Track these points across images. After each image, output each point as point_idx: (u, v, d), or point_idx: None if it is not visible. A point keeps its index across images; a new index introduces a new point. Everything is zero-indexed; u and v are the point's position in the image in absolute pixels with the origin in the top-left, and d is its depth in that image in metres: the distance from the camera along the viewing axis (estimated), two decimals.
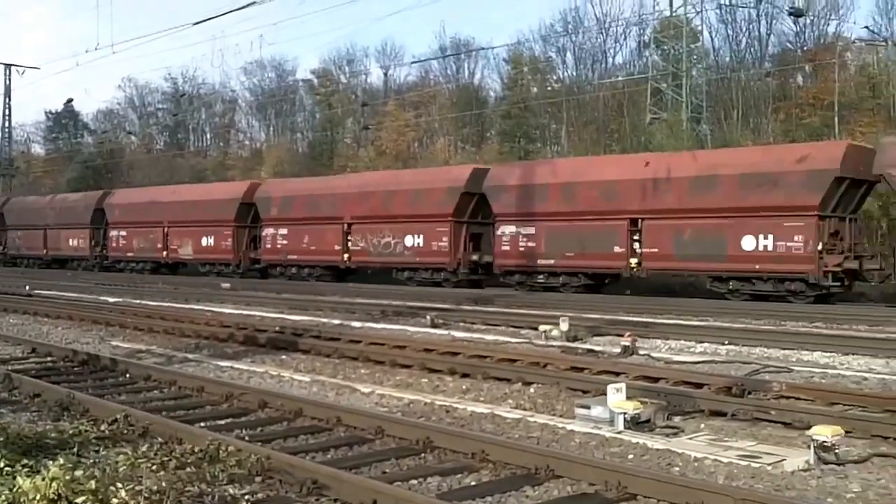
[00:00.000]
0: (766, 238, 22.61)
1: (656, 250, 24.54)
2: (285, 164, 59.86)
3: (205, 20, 21.51)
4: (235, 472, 6.13)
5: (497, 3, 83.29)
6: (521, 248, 27.39)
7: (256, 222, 36.54)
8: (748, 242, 22.85)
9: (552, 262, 26.75)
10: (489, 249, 29.01)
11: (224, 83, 73.64)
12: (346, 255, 32.70)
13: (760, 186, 22.58)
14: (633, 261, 24.99)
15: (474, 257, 29.46)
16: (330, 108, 64.39)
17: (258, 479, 6.13)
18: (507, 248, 27.74)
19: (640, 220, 24.88)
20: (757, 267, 22.79)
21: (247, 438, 7.40)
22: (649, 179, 24.79)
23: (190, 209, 38.64)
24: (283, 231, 34.94)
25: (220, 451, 6.46)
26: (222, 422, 8.29)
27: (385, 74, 67.45)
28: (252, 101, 72.04)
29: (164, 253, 40.12)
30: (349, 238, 32.67)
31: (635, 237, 25.04)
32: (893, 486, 6.24)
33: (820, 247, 22.00)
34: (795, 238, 22.22)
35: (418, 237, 30.31)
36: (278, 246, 35.17)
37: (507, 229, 27.75)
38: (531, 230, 27.08)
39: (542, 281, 27.23)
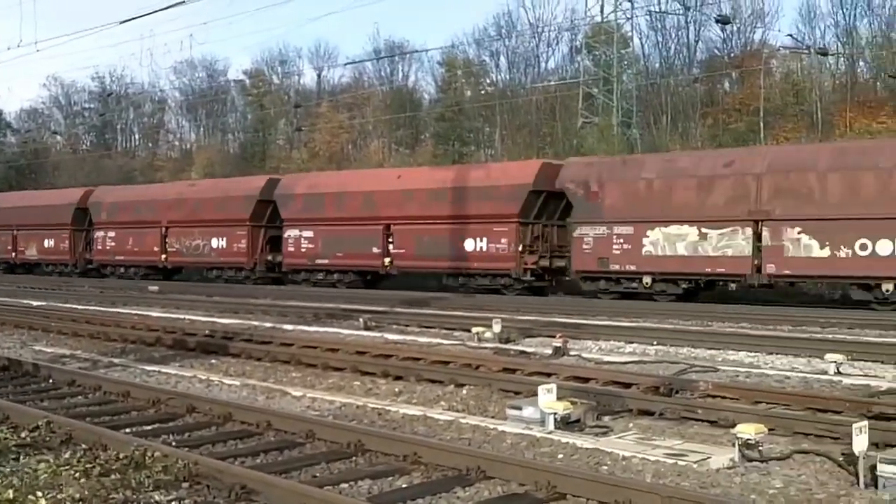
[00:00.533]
0: (481, 241, 26.87)
1: (404, 251, 28.69)
2: (216, 166, 59.06)
3: (133, 18, 21.12)
4: (162, 479, 6.02)
5: (431, 6, 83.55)
6: (304, 249, 31.26)
7: (92, 226, 39.47)
8: (469, 244, 27.09)
9: (327, 261, 30.64)
10: None
11: (153, 83, 72.26)
12: (163, 256, 36.19)
13: (477, 198, 26.66)
14: (387, 260, 29.03)
15: (269, 257, 33.12)
16: (262, 108, 63.70)
17: (185, 484, 6.02)
18: (293, 249, 31.55)
19: (391, 225, 28.91)
20: (476, 265, 27.12)
21: (174, 444, 7.26)
22: (400, 191, 28.78)
23: (34, 214, 41.54)
24: (112, 234, 38.39)
25: (146, 457, 6.33)
26: (149, 427, 8.13)
27: (318, 76, 67.05)
28: (182, 102, 70.89)
29: (13, 254, 43.05)
30: (166, 240, 36.14)
31: (389, 240, 29.12)
32: (814, 481, 6.41)
33: (521, 248, 26.11)
34: (502, 241, 26.44)
35: (222, 240, 34.08)
36: (107, 247, 38.50)
37: (292, 232, 31.59)
38: (310, 233, 31.04)
39: (321, 278, 30.99)
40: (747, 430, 6.92)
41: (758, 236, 22.10)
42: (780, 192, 21.87)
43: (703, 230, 22.76)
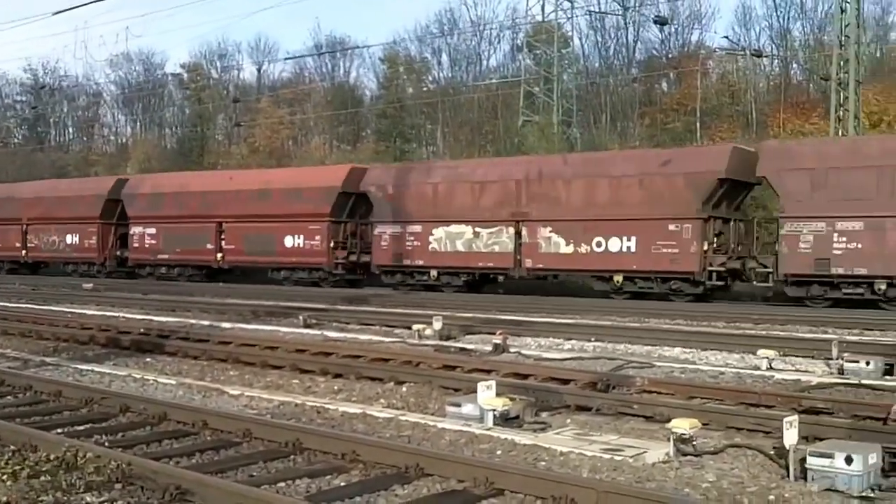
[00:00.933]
0: (298, 238, 29.67)
1: (233, 247, 31.51)
2: (153, 161, 58.06)
3: (66, 10, 20.61)
4: (94, 480, 5.88)
5: (372, 2, 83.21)
6: (147, 245, 34.00)
7: None
8: (288, 241, 29.87)
9: (168, 256, 33.42)
10: None
11: (88, 75, 70.78)
12: (24, 252, 38.56)
13: (295, 198, 29.32)
14: (219, 256, 31.82)
15: (118, 253, 35.70)
16: (200, 103, 62.79)
17: (118, 485, 5.89)
18: (137, 245, 34.33)
19: (223, 223, 31.59)
20: (294, 259, 29.89)
21: (107, 444, 7.11)
22: (231, 191, 31.40)
23: None
24: None
25: (78, 458, 6.20)
26: (81, 427, 7.95)
27: (258, 70, 66.38)
28: (118, 95, 69.51)
29: None
30: (27, 237, 38.40)
31: (222, 237, 31.81)
32: (746, 474, 6.54)
33: (332, 244, 29.06)
34: (316, 238, 29.32)
35: (75, 236, 36.60)
36: None
37: (137, 229, 34.35)
38: (153, 230, 33.77)
39: (164, 272, 33.62)
40: (682, 425, 7.02)
41: (518, 235, 25.40)
42: (535, 197, 25.18)
43: (477, 229, 26.10)
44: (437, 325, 14.88)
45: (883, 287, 20.75)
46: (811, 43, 47.83)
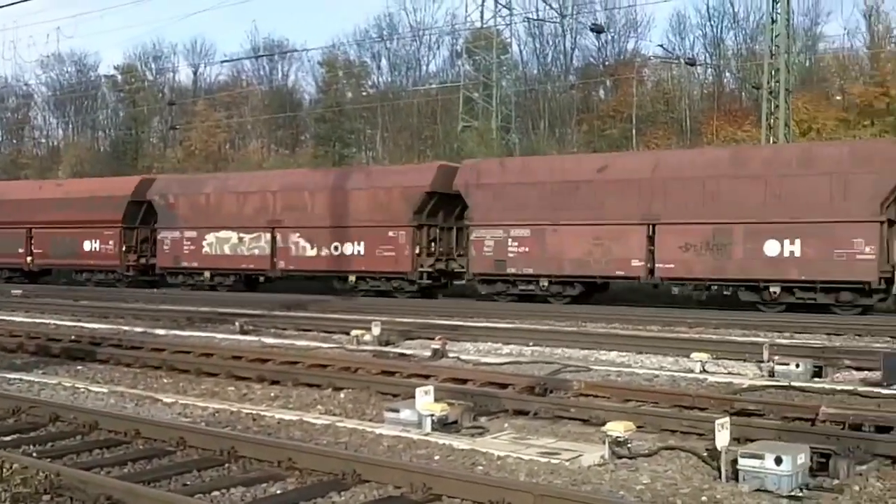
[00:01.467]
0: (95, 242, 32.04)
1: (41, 251, 33.92)
2: (86, 164, 56.88)
3: None
4: (21, 492, 5.74)
5: (311, 6, 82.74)
6: None
7: None
8: (87, 245, 32.31)
9: None
10: None
11: (17, 77, 69.00)
12: None
13: (91, 206, 31.72)
14: (29, 259, 34.22)
15: None
16: (135, 105, 61.65)
17: (46, 497, 5.76)
18: None
19: (33, 229, 33.97)
20: (92, 262, 32.55)
21: (35, 455, 6.95)
22: (39, 200, 33.94)
23: None
24: None
25: (4, 470, 6.04)
26: (8, 438, 7.75)
27: (194, 73, 65.44)
28: (49, 97, 67.89)
29: None
30: None
31: (32, 241, 34.13)
32: (679, 476, 6.64)
33: (124, 248, 31.76)
34: (109, 243, 31.76)
35: None
36: None
37: None
38: None
39: None
40: (617, 428, 7.11)
41: (274, 240, 28.41)
42: (287, 207, 28.30)
43: (241, 235, 29.02)
44: (376, 330, 14.83)
45: (546, 284, 23.80)
46: (743, 52, 48.93)
